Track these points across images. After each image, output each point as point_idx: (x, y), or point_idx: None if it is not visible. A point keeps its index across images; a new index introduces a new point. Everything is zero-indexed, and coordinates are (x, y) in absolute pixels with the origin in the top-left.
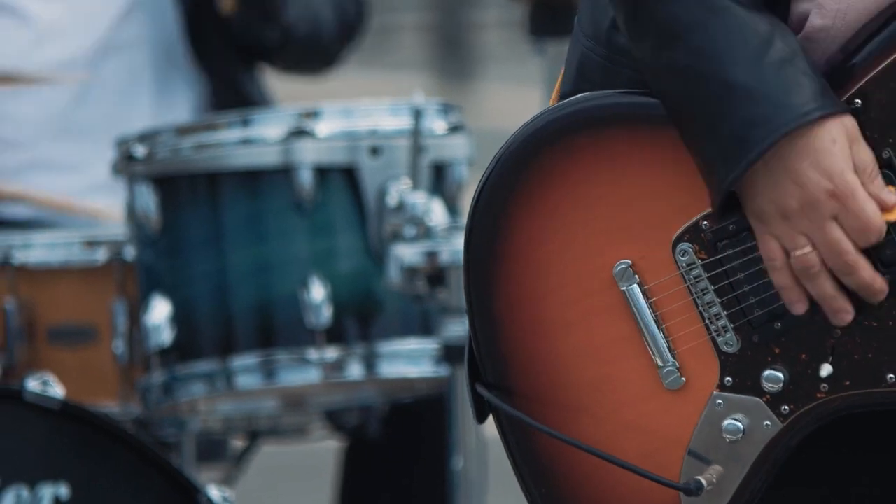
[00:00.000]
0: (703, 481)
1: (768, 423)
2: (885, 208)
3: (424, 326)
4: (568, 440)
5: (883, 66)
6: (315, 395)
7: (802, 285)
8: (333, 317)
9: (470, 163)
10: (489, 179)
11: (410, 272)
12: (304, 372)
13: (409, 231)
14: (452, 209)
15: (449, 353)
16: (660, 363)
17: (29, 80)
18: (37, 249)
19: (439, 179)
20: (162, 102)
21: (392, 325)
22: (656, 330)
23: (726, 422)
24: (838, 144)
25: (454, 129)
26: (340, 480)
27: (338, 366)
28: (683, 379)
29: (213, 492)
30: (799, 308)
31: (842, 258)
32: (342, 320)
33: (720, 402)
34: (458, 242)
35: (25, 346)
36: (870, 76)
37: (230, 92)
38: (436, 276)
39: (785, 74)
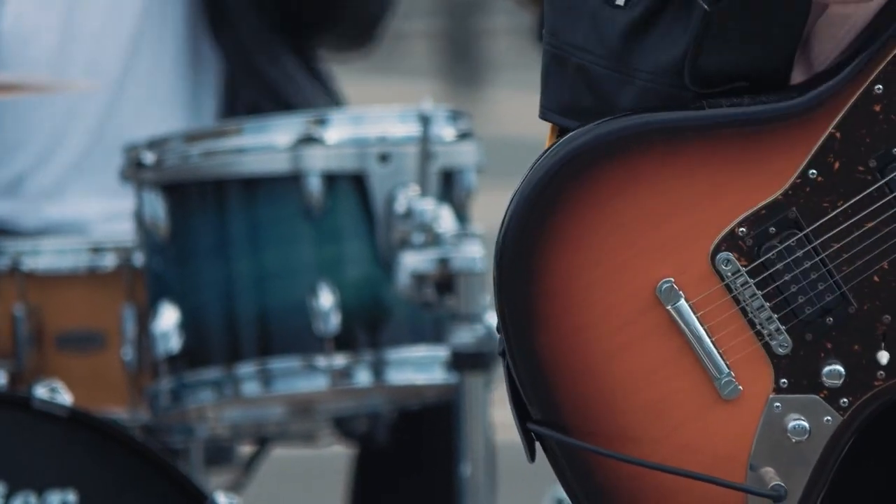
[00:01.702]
0: (785, 486)
1: (829, 418)
2: None
3: (433, 334)
4: (638, 461)
5: None
6: (323, 402)
7: None
8: (342, 324)
9: (479, 170)
10: (512, 220)
11: (419, 279)
12: (312, 379)
13: (418, 238)
14: (461, 216)
15: (457, 361)
16: (716, 375)
17: (55, 87)
18: (45, 256)
19: (448, 186)
20: (189, 97)
21: (400, 333)
22: (709, 342)
23: (791, 423)
24: None
25: (463, 135)
26: (349, 487)
27: (346, 373)
28: (741, 387)
29: (222, 498)
30: None
31: None
32: (351, 327)
33: (778, 404)
34: (467, 249)
35: (34, 352)
36: (889, 58)
37: (252, 78)
38: (444, 283)
39: None
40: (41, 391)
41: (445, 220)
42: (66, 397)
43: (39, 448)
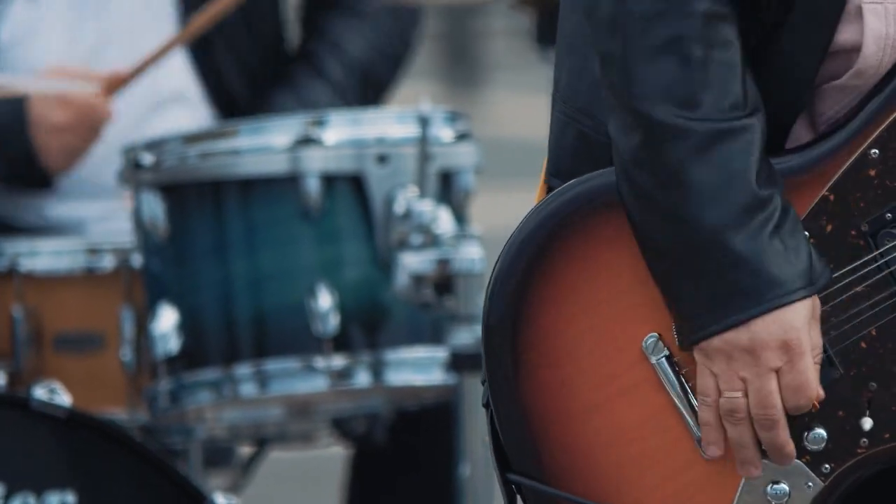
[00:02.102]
0: None
1: (810, 483)
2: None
3: (431, 335)
4: None
5: None
6: (322, 403)
7: (723, 429)
8: (340, 325)
9: (477, 171)
10: (503, 269)
11: (417, 280)
12: (311, 380)
13: (417, 239)
14: (459, 217)
15: (456, 362)
16: (698, 434)
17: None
18: (43, 257)
19: (446, 187)
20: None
21: (399, 334)
22: (692, 400)
23: (771, 487)
24: (801, 304)
25: (461, 137)
26: (347, 488)
27: (345, 374)
28: (722, 449)
29: (220, 499)
30: (712, 451)
31: (767, 411)
32: (349, 328)
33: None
34: (466, 250)
35: (32, 353)
36: (885, 125)
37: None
38: (443, 284)
39: (779, 243)
40: (40, 392)
41: (444, 221)
42: (64, 398)
43: (38, 449)
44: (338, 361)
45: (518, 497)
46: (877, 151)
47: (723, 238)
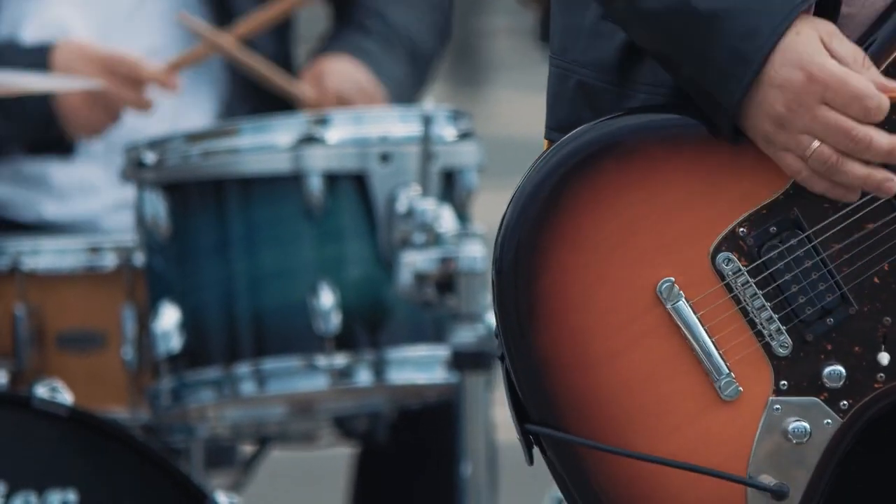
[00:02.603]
0: (787, 484)
1: (828, 420)
2: (885, 90)
3: (433, 333)
4: (637, 455)
5: None
6: (323, 402)
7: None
8: (342, 323)
9: (480, 169)
10: (511, 219)
11: (420, 279)
12: (312, 378)
13: (419, 238)
14: (462, 216)
15: (458, 360)
16: (716, 375)
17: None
18: (46, 255)
19: (449, 186)
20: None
21: (401, 332)
22: (709, 342)
23: (791, 425)
24: (802, 35)
25: (464, 135)
26: (351, 487)
27: (346, 372)
28: (741, 388)
29: (222, 498)
30: (851, 196)
31: (849, 135)
32: (351, 327)
33: (777, 406)
34: (468, 249)
35: (34, 352)
36: (890, 59)
37: (252, 92)
38: (445, 282)
39: None
40: (42, 391)
41: (446, 219)
42: (66, 397)
43: (40, 448)
44: (339, 360)
45: (535, 448)
46: None
47: (700, 3)
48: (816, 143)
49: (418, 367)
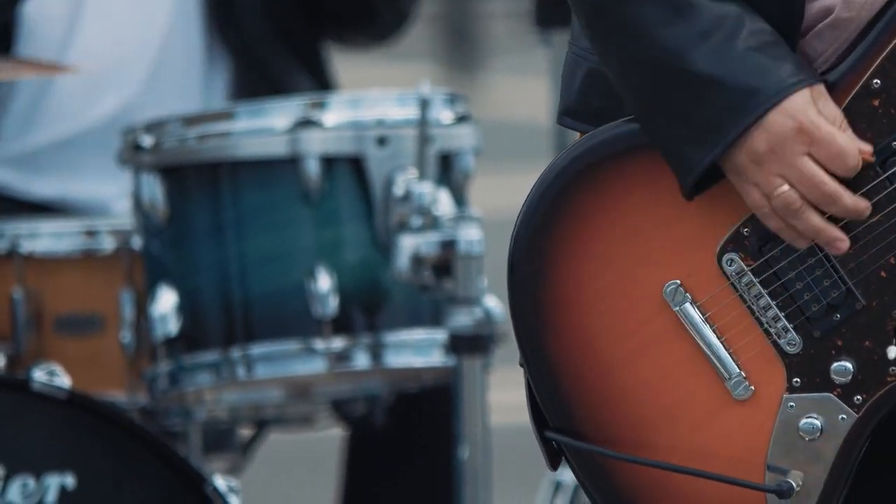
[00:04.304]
0: (793, 482)
1: (843, 416)
2: (860, 152)
3: (431, 316)
4: (651, 462)
5: (895, 43)
6: (321, 385)
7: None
8: (340, 307)
9: (476, 153)
10: (522, 227)
11: (417, 262)
12: (310, 362)
13: (416, 221)
14: (459, 199)
15: (455, 344)
16: (726, 376)
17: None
18: (44, 238)
19: (446, 169)
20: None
21: (398, 315)
22: (718, 343)
23: (802, 422)
24: (798, 94)
25: (461, 119)
26: (345, 470)
27: (344, 356)
28: (753, 387)
29: (220, 481)
30: (801, 243)
31: (820, 189)
32: (349, 310)
33: (792, 404)
34: (466, 232)
35: (32, 335)
36: (884, 54)
37: (258, 76)
38: (442, 265)
39: (753, 62)
40: (39, 374)
41: (444, 202)
42: (64, 380)
43: (38, 431)
44: (337, 343)
45: (561, 456)
46: (878, 81)
47: (684, 60)
48: (786, 188)
49: (416, 350)
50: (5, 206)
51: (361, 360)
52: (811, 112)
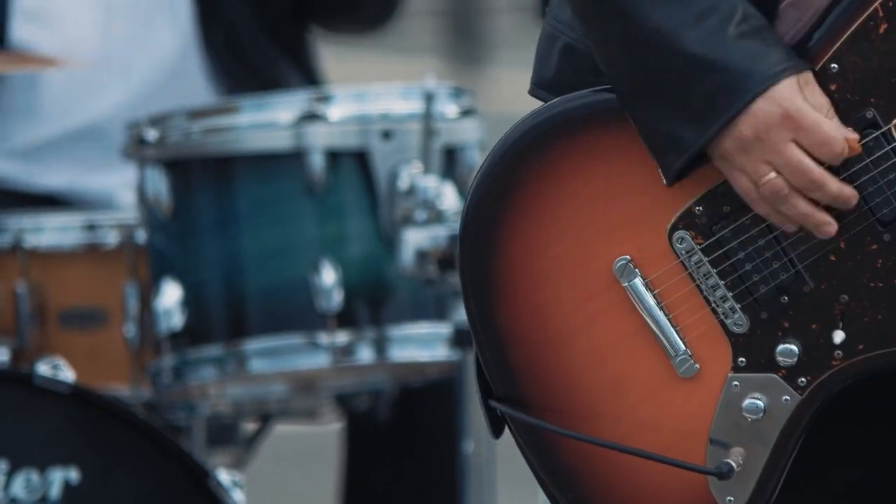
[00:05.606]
0: (733, 463)
1: (787, 397)
2: (846, 139)
3: (435, 311)
4: (589, 439)
5: (853, 28)
6: (325, 380)
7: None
8: (344, 301)
9: (481, 147)
10: (475, 194)
11: (421, 256)
12: (314, 356)
13: (421, 215)
14: (464, 193)
15: (459, 337)
16: (672, 353)
17: (48, 61)
18: (48, 233)
19: (451, 163)
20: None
21: (403, 310)
22: (664, 320)
23: (746, 401)
24: (785, 81)
25: (466, 112)
26: (348, 464)
27: (348, 350)
28: (697, 366)
29: (224, 475)
30: (789, 228)
31: (805, 176)
32: (353, 304)
33: (736, 383)
34: None
35: (36, 329)
36: (842, 39)
37: (245, 69)
38: (447, 260)
39: (747, 46)
40: (43, 368)
41: (448, 197)
42: (68, 374)
43: (41, 425)
44: (341, 338)
45: (504, 425)
46: (836, 66)
47: (678, 40)
48: (773, 175)
49: (420, 344)
50: (9, 200)
51: (365, 355)
52: (797, 99)
